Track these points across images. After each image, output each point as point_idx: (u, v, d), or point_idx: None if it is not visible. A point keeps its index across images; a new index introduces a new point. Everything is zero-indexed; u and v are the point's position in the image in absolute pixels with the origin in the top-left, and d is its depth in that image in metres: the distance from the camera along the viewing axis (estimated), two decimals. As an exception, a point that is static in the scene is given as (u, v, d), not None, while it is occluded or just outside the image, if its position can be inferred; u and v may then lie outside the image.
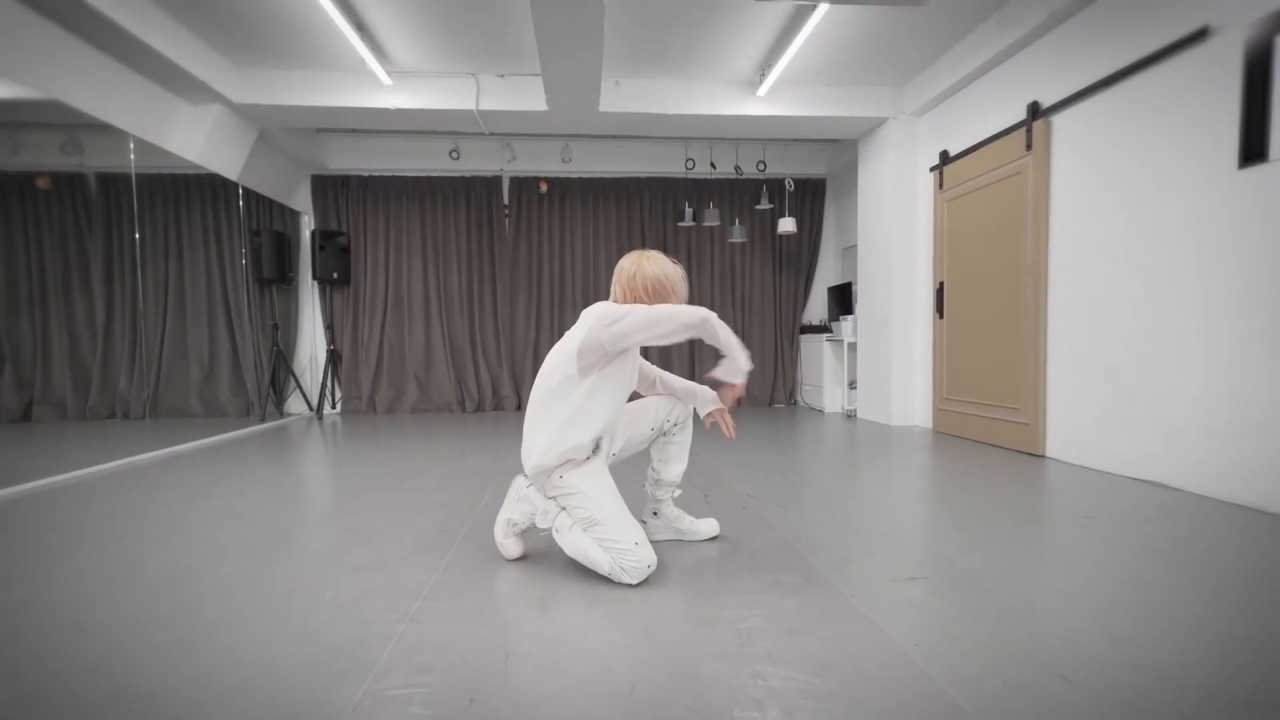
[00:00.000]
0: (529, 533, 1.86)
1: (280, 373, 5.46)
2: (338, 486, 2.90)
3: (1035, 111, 3.36)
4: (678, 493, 1.95)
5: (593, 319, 1.65)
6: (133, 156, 3.81)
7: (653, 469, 1.91)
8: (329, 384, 5.71)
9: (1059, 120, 3.24)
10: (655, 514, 1.94)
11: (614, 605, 1.49)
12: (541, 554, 1.85)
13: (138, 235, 4.10)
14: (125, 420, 4.65)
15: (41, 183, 4.24)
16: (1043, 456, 3.35)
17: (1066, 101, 3.16)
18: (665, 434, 1.89)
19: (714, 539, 1.98)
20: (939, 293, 4.26)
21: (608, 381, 1.67)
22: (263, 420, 5.10)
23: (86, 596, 1.59)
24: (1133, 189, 2.83)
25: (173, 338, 5.01)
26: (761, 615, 1.42)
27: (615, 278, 1.79)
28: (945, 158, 4.18)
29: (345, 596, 1.56)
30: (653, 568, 1.60)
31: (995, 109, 3.72)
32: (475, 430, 4.65)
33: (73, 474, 3.17)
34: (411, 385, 5.78)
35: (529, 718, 1.04)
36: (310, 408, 5.70)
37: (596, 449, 1.77)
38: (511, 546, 1.79)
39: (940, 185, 4.24)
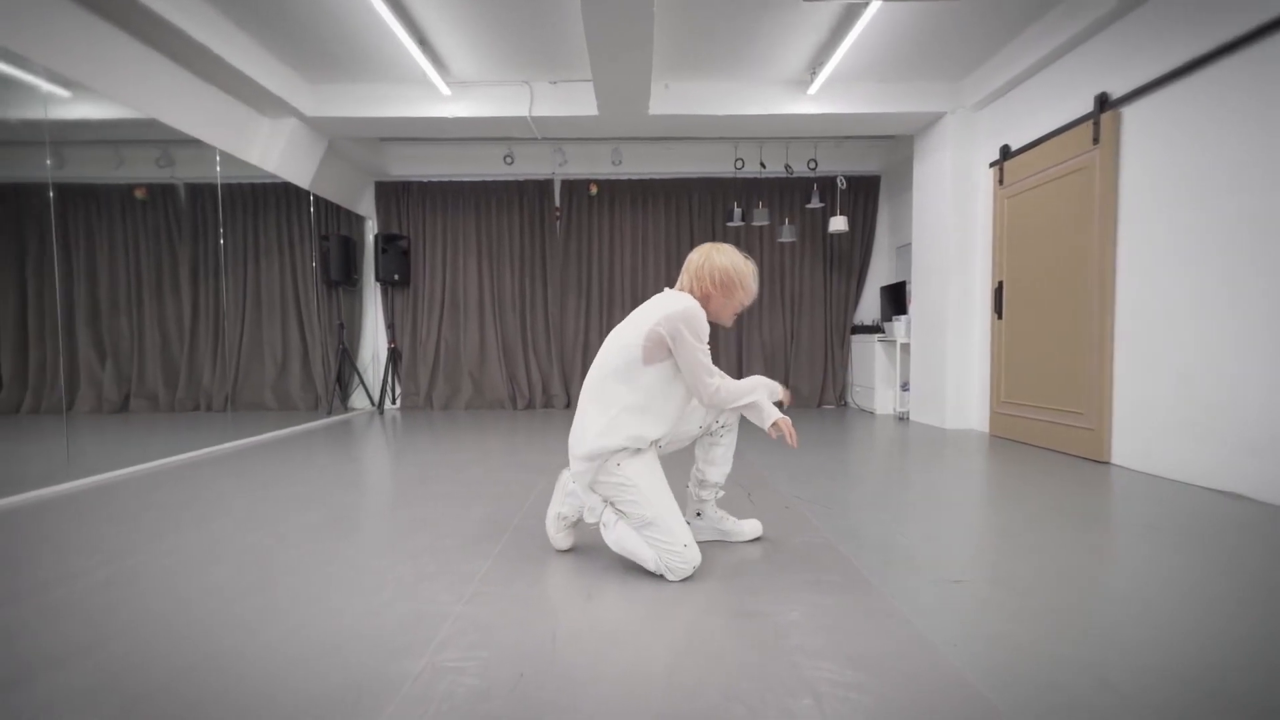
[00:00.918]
0: (578, 526, 1.93)
1: (345, 370, 5.78)
2: (398, 477, 3.07)
3: (1104, 103, 3.21)
4: (721, 494, 1.97)
5: (662, 314, 1.64)
6: (218, 168, 4.12)
7: (697, 469, 1.93)
8: (390, 381, 6.01)
9: (1129, 112, 3.09)
10: (699, 515, 1.96)
11: (656, 597, 1.55)
12: (589, 546, 1.93)
13: (222, 241, 4.42)
14: (208, 412, 5.03)
15: (139, 193, 4.64)
16: (1107, 463, 3.20)
17: (1138, 92, 3.02)
18: (711, 434, 1.90)
19: (757, 540, 1.99)
20: (998, 292, 4.12)
21: (677, 383, 1.71)
22: (329, 414, 5.42)
23: (182, 570, 1.76)
24: (1210, 183, 2.68)
25: (250, 336, 5.38)
26: (799, 611, 1.45)
27: (685, 267, 1.81)
28: (1006, 152, 4.04)
29: (406, 579, 1.68)
30: (698, 566, 1.65)
31: (1060, 101, 3.57)
32: (526, 426, 4.80)
33: (165, 460, 3.48)
34: (466, 383, 6.00)
35: (573, 694, 1.11)
36: (372, 403, 6.01)
37: (650, 445, 1.79)
38: (562, 539, 1.87)
39: (1000, 181, 4.10)
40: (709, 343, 1.72)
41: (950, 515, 2.30)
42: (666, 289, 1.81)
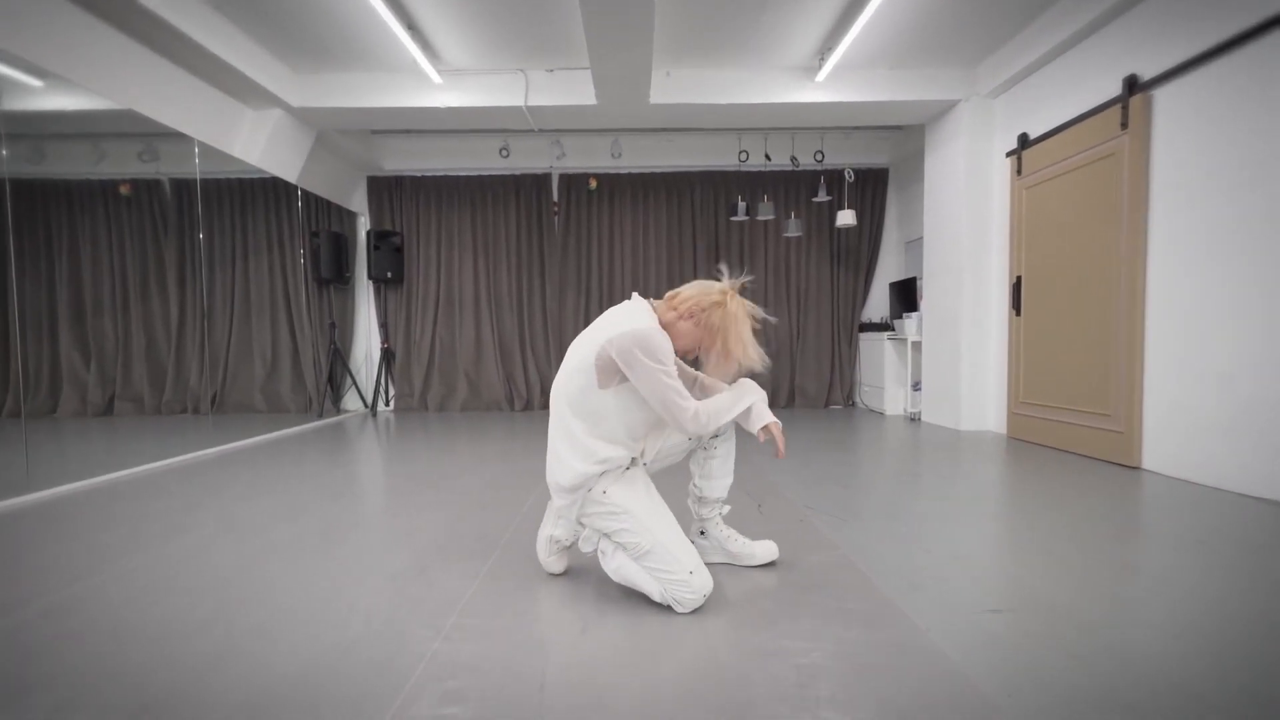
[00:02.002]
0: (573, 549, 1.74)
1: (337, 370, 5.61)
2: (386, 485, 2.89)
3: (1133, 85, 3.02)
4: (726, 509, 1.76)
5: (615, 332, 1.43)
6: (197, 161, 3.94)
7: (694, 485, 1.72)
8: (383, 382, 5.83)
9: (1161, 94, 2.90)
10: (702, 534, 1.76)
11: (660, 631, 1.37)
12: (585, 568, 1.75)
13: (201, 236, 4.26)
14: (195, 415, 4.86)
15: (123, 189, 4.47)
16: (1138, 468, 3.02)
17: (1171, 73, 2.82)
18: (705, 447, 1.68)
19: (771, 564, 1.76)
20: (1016, 288, 3.93)
21: (642, 406, 1.51)
22: (320, 417, 5.24)
23: (134, 597, 1.59)
24: (1252, 170, 2.49)
25: (239, 336, 5.21)
26: (824, 650, 1.27)
27: (692, 293, 1.53)
28: (1024, 141, 3.85)
29: (380, 607, 1.50)
30: (708, 595, 1.46)
31: (1084, 85, 3.38)
32: (524, 429, 4.62)
33: (146, 466, 3.31)
34: (462, 383, 5.82)
35: (562, 764, 0.94)
36: (365, 405, 5.83)
37: (633, 462, 1.61)
38: (554, 563, 1.69)
39: (1018, 171, 3.91)
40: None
41: (978, 528, 2.12)
42: (635, 295, 1.60)
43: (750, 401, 1.57)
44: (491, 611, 1.47)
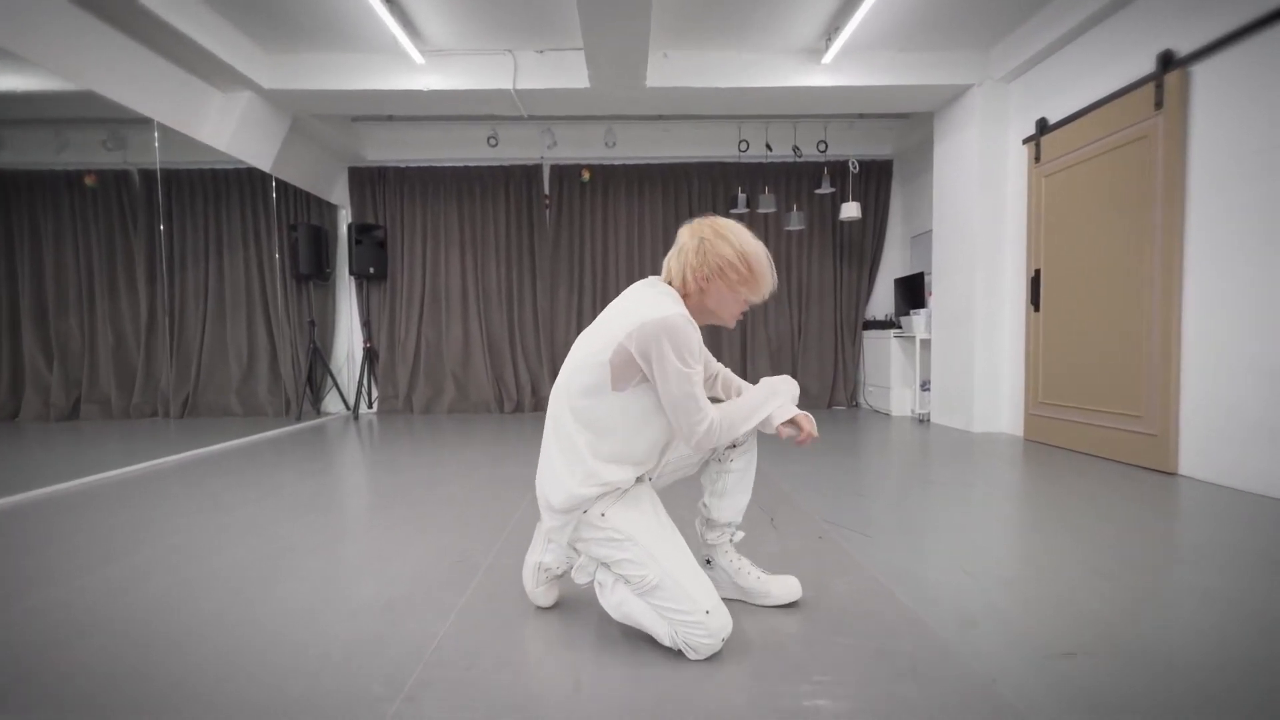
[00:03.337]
0: (565, 577, 1.50)
1: (317, 371, 5.33)
2: (361, 497, 2.64)
3: (1168, 62, 2.80)
4: (739, 535, 1.49)
5: (635, 324, 1.20)
6: (157, 146, 3.66)
7: (703, 504, 1.45)
8: (366, 382, 5.55)
9: (1200, 71, 2.69)
10: (709, 562, 1.48)
11: (670, 684, 1.13)
12: (580, 600, 1.50)
13: (161, 228, 3.98)
14: (166, 419, 4.58)
15: (89, 180, 4.19)
16: (1173, 474, 2.81)
17: (1210, 48, 2.61)
18: (720, 459, 1.42)
19: (793, 605, 1.45)
20: (1034, 281, 3.72)
21: (649, 398, 1.26)
22: (299, 420, 4.97)
23: (52, 634, 1.33)
24: (1307, 147, 2.28)
25: (212, 336, 4.93)
26: (871, 710, 1.04)
27: (677, 250, 1.34)
28: (1043, 126, 3.63)
29: (333, 655, 1.25)
30: (727, 638, 1.21)
31: (1111, 64, 3.16)
32: (514, 433, 4.37)
33: (107, 474, 3.03)
34: (449, 384, 5.56)
35: None
36: (347, 407, 5.55)
37: (638, 479, 1.36)
38: (542, 595, 1.44)
39: (1036, 158, 3.69)
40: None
41: (1019, 545, 1.89)
42: (652, 277, 1.35)
43: (773, 408, 1.32)
44: (466, 660, 1.23)
